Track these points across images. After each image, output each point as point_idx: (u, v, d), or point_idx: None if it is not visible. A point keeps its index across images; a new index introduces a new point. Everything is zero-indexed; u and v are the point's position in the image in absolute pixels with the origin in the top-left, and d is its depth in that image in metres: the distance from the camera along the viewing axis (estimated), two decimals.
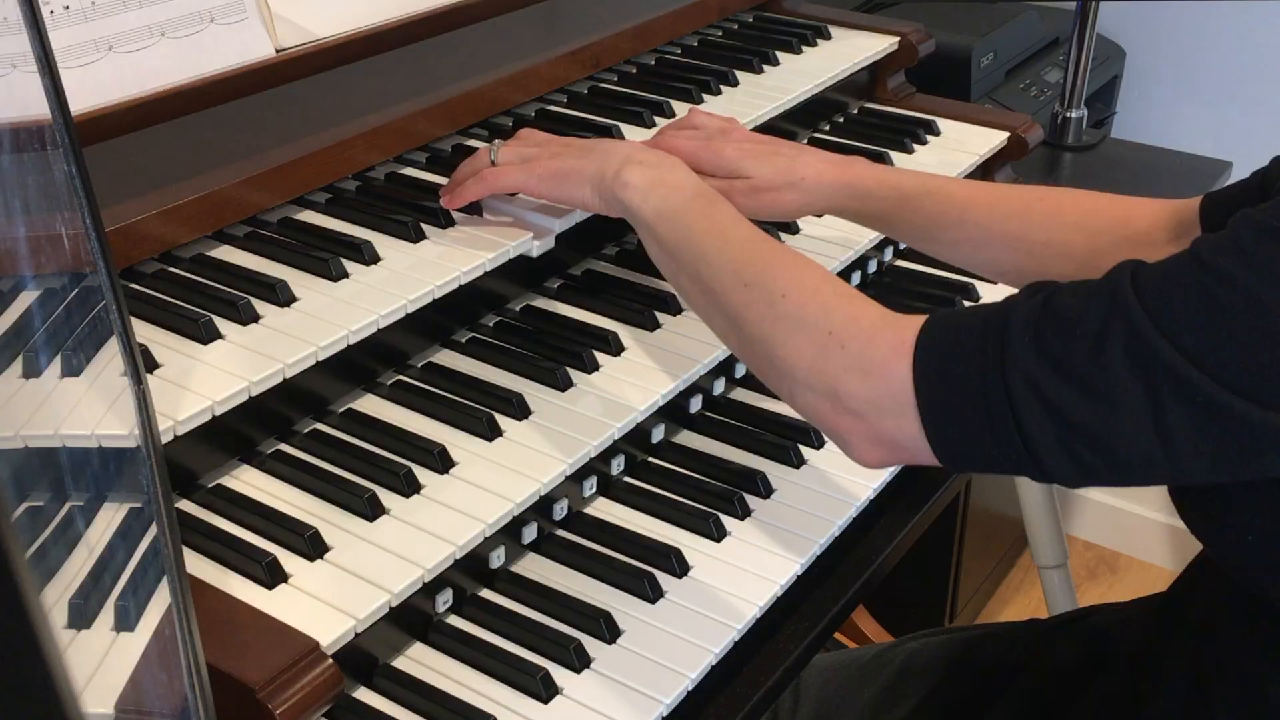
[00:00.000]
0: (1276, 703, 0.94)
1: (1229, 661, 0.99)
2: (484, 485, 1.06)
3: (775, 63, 1.64)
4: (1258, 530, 0.88)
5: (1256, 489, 0.86)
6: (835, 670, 1.40)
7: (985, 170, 1.69)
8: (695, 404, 1.28)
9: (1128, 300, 0.81)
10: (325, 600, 0.94)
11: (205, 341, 1.06)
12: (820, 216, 1.35)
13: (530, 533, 1.11)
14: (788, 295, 0.97)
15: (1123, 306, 0.81)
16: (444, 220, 1.23)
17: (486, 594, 1.08)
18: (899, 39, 1.71)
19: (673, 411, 1.25)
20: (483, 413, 1.12)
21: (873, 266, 1.52)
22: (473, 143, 1.40)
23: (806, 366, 0.94)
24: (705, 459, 1.22)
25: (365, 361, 1.17)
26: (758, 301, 0.98)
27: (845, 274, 1.44)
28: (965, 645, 1.36)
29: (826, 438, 0.95)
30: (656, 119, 1.45)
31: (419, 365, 1.21)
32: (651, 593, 1.06)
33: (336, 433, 1.11)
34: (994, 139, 1.66)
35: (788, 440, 1.24)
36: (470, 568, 1.06)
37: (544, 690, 0.97)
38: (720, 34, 1.73)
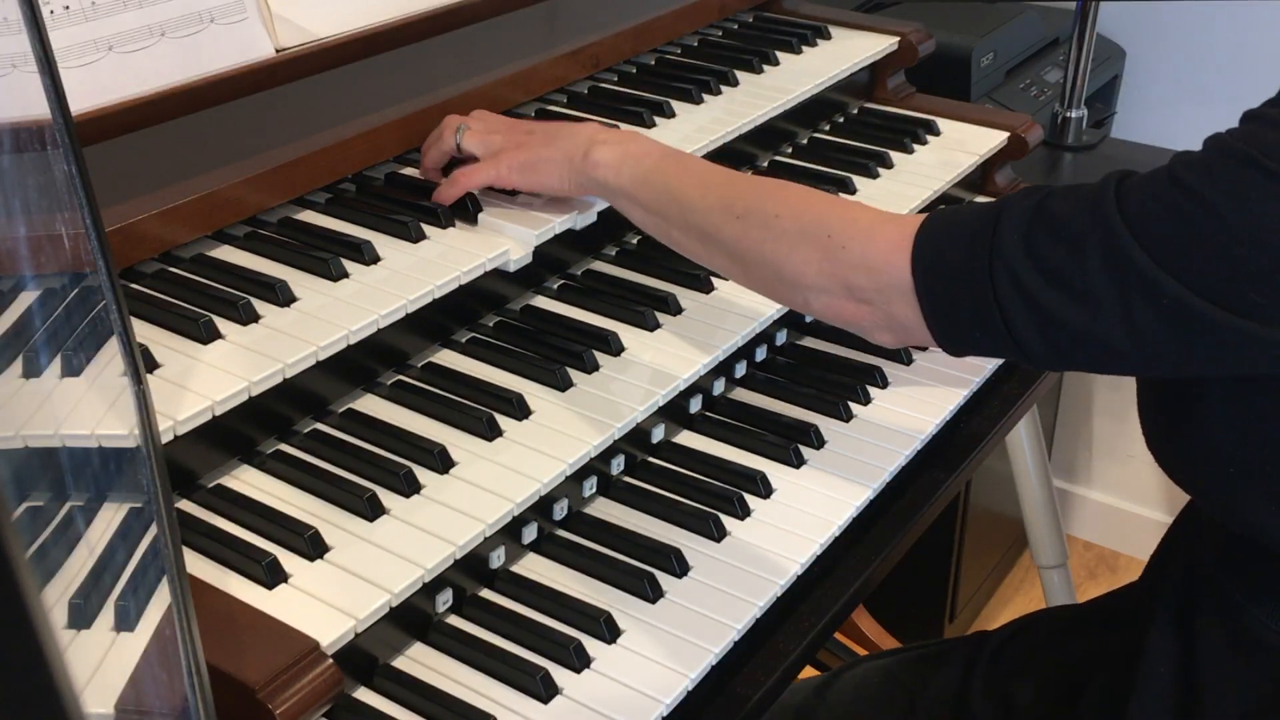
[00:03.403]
0: (1256, 631, 1.00)
1: (1213, 598, 1.03)
2: (484, 485, 1.06)
3: (775, 63, 1.64)
4: (1239, 462, 0.94)
5: (1234, 421, 0.93)
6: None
7: (985, 170, 1.69)
8: (695, 404, 1.28)
9: (1109, 209, 0.88)
10: (325, 600, 0.94)
11: (205, 341, 1.06)
12: None
13: (530, 533, 1.11)
14: (781, 215, 1.04)
15: (1104, 214, 0.88)
16: (444, 220, 1.23)
17: (486, 594, 1.08)
18: (899, 39, 1.71)
19: (673, 411, 1.25)
20: (483, 413, 1.12)
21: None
22: None
23: (815, 272, 1.02)
24: (705, 459, 1.22)
25: (365, 361, 1.17)
26: (754, 228, 1.06)
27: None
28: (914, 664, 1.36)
29: (847, 330, 1.06)
30: (656, 119, 1.45)
31: (419, 365, 1.21)
32: (651, 593, 1.06)
33: (336, 433, 1.11)
34: (994, 139, 1.66)
35: (788, 440, 1.24)
36: (470, 568, 1.06)
37: (544, 690, 0.97)
38: (720, 34, 1.72)
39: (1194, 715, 1.03)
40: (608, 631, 1.03)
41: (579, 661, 1.00)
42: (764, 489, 1.18)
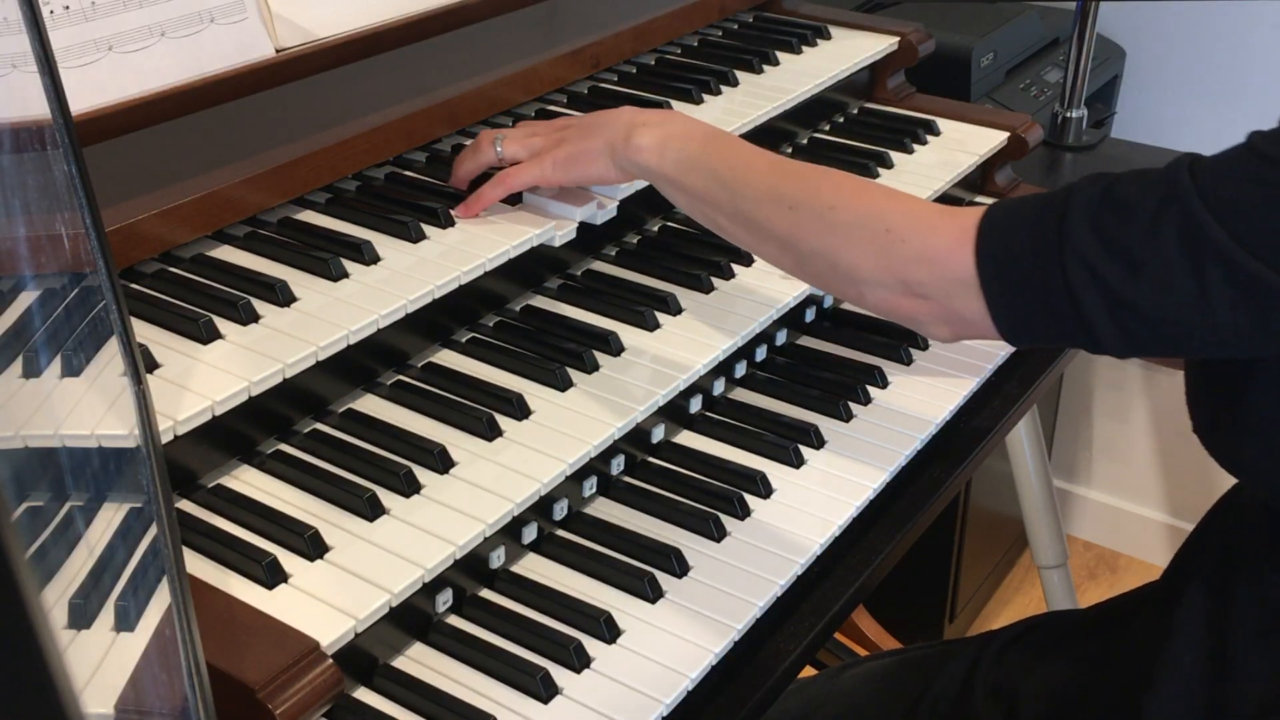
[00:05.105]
0: None
1: (1248, 583, 1.03)
2: (484, 485, 1.06)
3: (775, 63, 1.64)
4: None
5: None
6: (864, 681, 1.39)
7: (985, 170, 1.69)
8: (695, 404, 1.28)
9: (1184, 185, 0.87)
10: (325, 600, 0.94)
11: (205, 341, 1.06)
12: None
13: (530, 533, 1.11)
14: (835, 207, 1.03)
15: (1180, 191, 0.87)
16: (444, 220, 1.23)
17: (486, 594, 1.08)
18: (899, 39, 1.71)
19: (673, 411, 1.25)
20: (483, 413, 1.12)
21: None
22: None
23: (871, 266, 1.00)
24: (705, 459, 1.22)
25: (365, 361, 1.17)
26: (807, 220, 1.04)
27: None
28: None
29: (903, 325, 1.05)
30: None
31: (419, 365, 1.21)
32: (651, 593, 1.06)
33: (336, 433, 1.11)
34: (994, 139, 1.66)
35: (788, 440, 1.24)
36: (470, 568, 1.06)
37: (544, 690, 0.97)
38: (720, 34, 1.73)
39: (1222, 701, 1.03)
40: (608, 631, 1.03)
41: (579, 661, 1.00)
42: (764, 489, 1.18)
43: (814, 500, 1.18)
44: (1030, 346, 0.99)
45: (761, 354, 1.37)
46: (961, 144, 1.65)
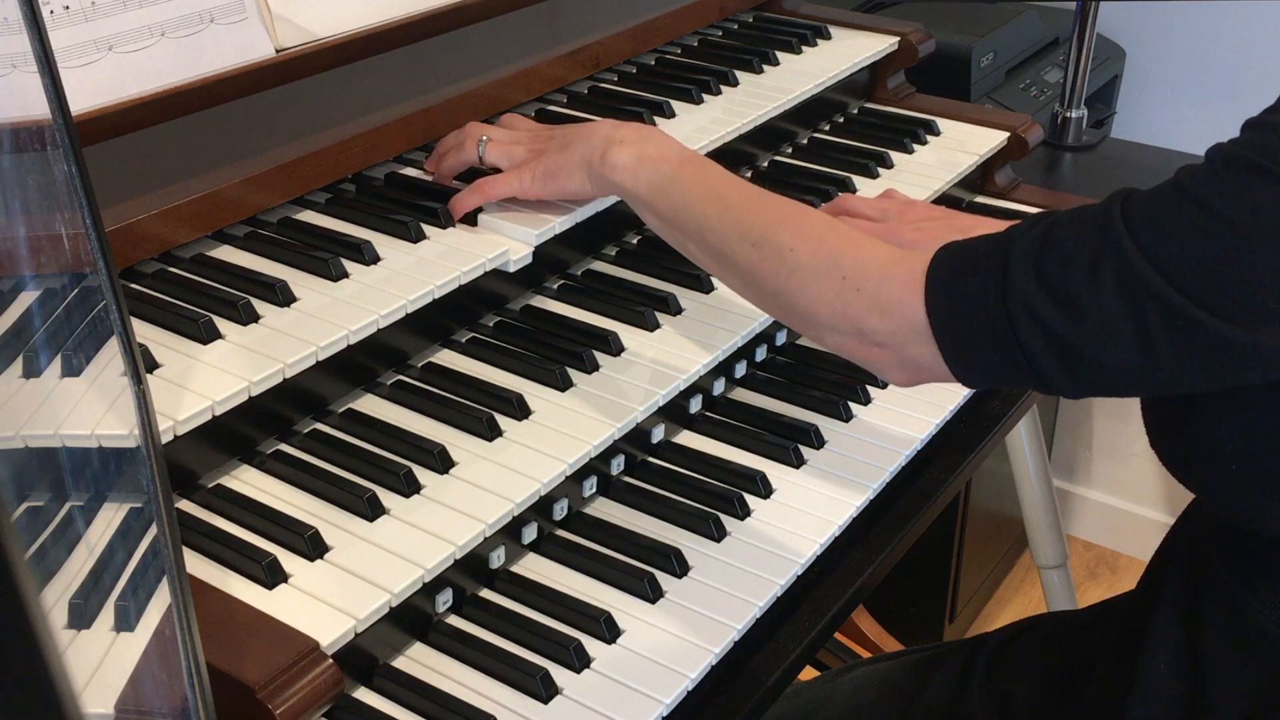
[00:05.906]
0: (1258, 624, 1.00)
1: (1215, 592, 1.04)
2: (484, 485, 1.06)
3: (775, 63, 1.64)
4: (1241, 459, 0.94)
5: (1236, 419, 0.93)
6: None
7: (985, 170, 1.69)
8: (695, 404, 1.28)
9: (1118, 230, 0.87)
10: (325, 600, 0.94)
11: (205, 341, 1.06)
12: None
13: (530, 533, 1.11)
14: (795, 249, 1.02)
15: (1113, 236, 0.87)
16: (444, 220, 1.23)
17: (486, 594, 1.08)
18: (899, 39, 1.71)
19: (672, 411, 1.25)
20: (483, 413, 1.12)
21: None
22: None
23: (828, 312, 1.00)
24: (705, 459, 1.22)
25: (365, 361, 1.17)
26: (768, 259, 1.04)
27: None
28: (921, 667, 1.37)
29: (864, 367, 1.04)
30: (656, 119, 1.45)
31: (419, 365, 1.21)
32: (651, 593, 1.06)
33: (336, 433, 1.11)
34: (994, 139, 1.66)
35: (788, 440, 1.24)
36: (470, 568, 1.06)
37: (544, 690, 0.97)
38: (720, 34, 1.73)
39: (1197, 709, 1.04)
40: (608, 631, 1.03)
41: (579, 661, 1.00)
42: (764, 489, 1.18)
43: (814, 500, 1.18)
44: (989, 387, 0.98)
45: (762, 354, 1.37)
46: (961, 144, 1.65)
